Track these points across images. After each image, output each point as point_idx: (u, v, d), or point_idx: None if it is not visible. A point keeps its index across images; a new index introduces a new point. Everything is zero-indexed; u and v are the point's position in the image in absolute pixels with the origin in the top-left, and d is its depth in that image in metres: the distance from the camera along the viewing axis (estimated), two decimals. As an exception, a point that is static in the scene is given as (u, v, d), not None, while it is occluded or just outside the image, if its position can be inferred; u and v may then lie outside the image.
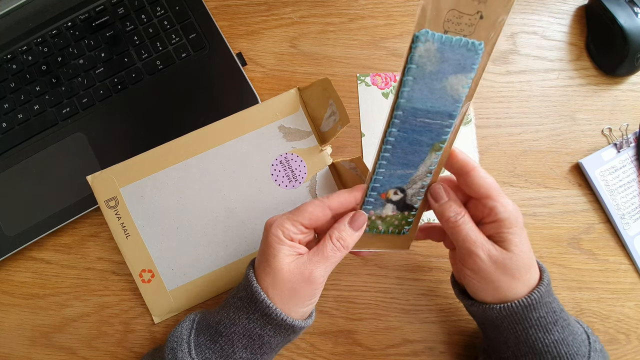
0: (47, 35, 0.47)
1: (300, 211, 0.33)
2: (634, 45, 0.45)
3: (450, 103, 0.31)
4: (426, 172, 0.34)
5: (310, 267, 0.32)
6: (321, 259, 0.32)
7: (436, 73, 0.30)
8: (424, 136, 0.32)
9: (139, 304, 0.44)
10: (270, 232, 0.33)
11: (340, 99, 0.39)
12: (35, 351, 0.44)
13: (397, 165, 0.33)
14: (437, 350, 0.43)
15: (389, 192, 0.34)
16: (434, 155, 0.33)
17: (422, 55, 0.29)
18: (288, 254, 0.32)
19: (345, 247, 0.33)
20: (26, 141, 0.46)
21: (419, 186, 0.34)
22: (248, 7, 0.49)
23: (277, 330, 0.32)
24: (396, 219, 0.35)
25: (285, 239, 0.32)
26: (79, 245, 0.45)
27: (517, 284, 0.32)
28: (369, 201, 0.34)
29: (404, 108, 0.31)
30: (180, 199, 0.43)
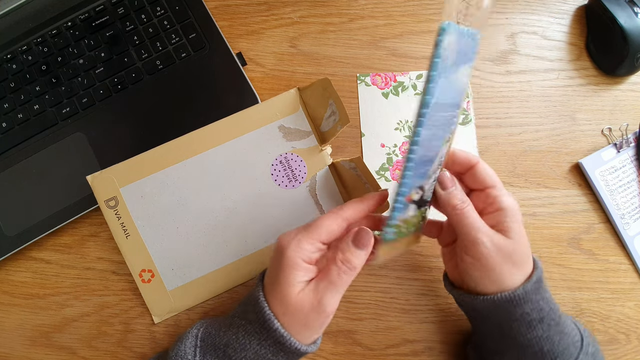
0: (47, 35, 0.47)
1: (316, 227, 0.31)
2: (634, 45, 0.45)
3: (458, 94, 0.31)
4: (438, 165, 0.33)
5: (318, 296, 0.30)
6: (327, 286, 0.30)
7: (453, 65, 0.29)
8: (441, 130, 0.31)
9: (139, 304, 0.44)
10: (286, 255, 0.31)
11: (340, 99, 0.39)
12: (35, 351, 0.44)
13: (421, 164, 0.31)
14: (437, 350, 0.43)
15: (412, 193, 0.31)
16: (445, 147, 0.32)
17: (446, 48, 0.28)
18: (300, 280, 0.31)
19: (352, 268, 0.31)
20: (26, 141, 0.46)
21: (432, 180, 0.33)
22: (248, 7, 0.49)
23: (289, 356, 0.32)
24: (416, 217, 0.34)
25: (302, 262, 0.31)
26: (79, 245, 0.45)
27: (517, 272, 0.33)
28: (398, 207, 0.31)
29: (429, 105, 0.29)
30: (180, 199, 0.43)
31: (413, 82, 0.47)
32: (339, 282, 0.30)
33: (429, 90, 0.29)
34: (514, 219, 0.33)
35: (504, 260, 0.32)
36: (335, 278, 0.30)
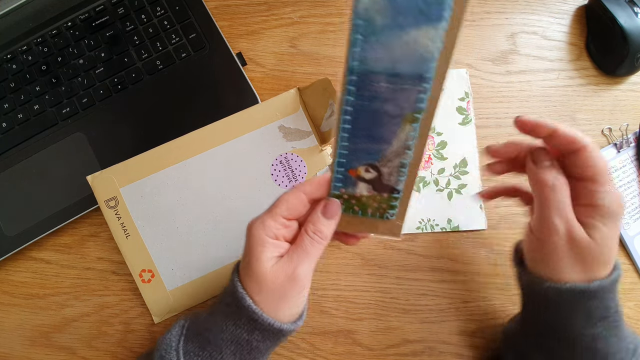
0: (47, 35, 0.47)
1: (278, 204, 0.32)
2: (634, 45, 0.45)
3: (419, 63, 0.26)
4: (403, 148, 0.29)
5: (292, 266, 0.30)
6: (301, 255, 0.31)
7: (391, 27, 0.25)
8: (389, 105, 0.27)
9: (139, 304, 0.44)
10: (252, 234, 0.31)
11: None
12: (35, 351, 0.44)
13: (361, 138, 0.29)
14: (437, 350, 0.43)
15: (359, 169, 0.30)
16: (410, 128, 0.28)
17: (369, 8, 0.25)
18: (270, 256, 0.31)
19: (323, 238, 0.31)
20: (26, 141, 0.46)
21: (396, 164, 0.30)
22: (248, 7, 0.49)
23: (266, 335, 0.32)
24: (374, 200, 0.31)
25: (268, 238, 0.31)
26: (79, 245, 0.45)
27: (580, 271, 0.31)
28: (338, 178, 0.31)
29: (357, 71, 0.27)
30: (180, 199, 0.43)
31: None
32: (312, 251, 0.31)
33: (352, 55, 0.26)
34: (606, 220, 0.30)
35: (573, 255, 0.30)
36: (309, 247, 0.31)
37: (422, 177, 0.45)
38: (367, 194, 0.31)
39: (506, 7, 0.49)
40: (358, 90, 0.28)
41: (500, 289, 0.44)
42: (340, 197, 0.31)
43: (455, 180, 0.45)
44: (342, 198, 0.31)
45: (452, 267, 0.44)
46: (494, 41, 0.48)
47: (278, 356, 0.43)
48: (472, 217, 0.44)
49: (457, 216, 0.44)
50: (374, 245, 0.45)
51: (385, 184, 0.31)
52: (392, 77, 0.27)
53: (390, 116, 0.28)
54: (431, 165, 0.45)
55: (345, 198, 0.31)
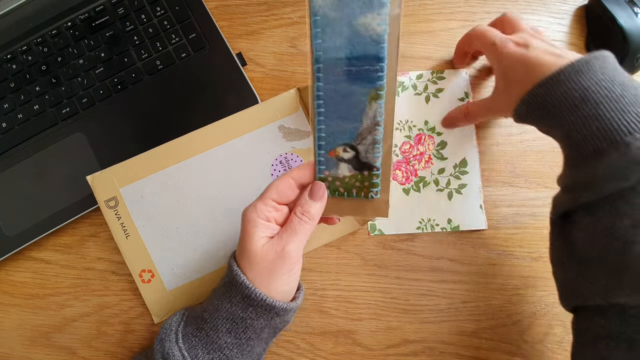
0: (47, 35, 0.47)
1: (268, 189, 0.34)
2: (634, 45, 0.45)
3: (372, 45, 0.30)
4: (374, 125, 0.32)
5: (282, 244, 0.32)
6: (291, 234, 0.33)
7: (342, 18, 0.30)
8: (355, 85, 0.31)
9: (139, 304, 0.44)
10: (245, 216, 0.34)
11: (340, 99, 0.39)
12: (35, 351, 0.44)
13: (336, 119, 0.32)
14: (437, 350, 0.43)
15: (338, 149, 0.33)
16: (375, 105, 0.32)
17: (322, 5, 0.30)
18: (262, 236, 0.33)
19: (311, 218, 0.33)
20: (26, 141, 0.46)
21: (370, 141, 0.32)
22: (248, 7, 0.49)
23: (259, 311, 0.33)
24: (356, 179, 0.33)
25: (259, 219, 0.33)
26: (78, 245, 0.45)
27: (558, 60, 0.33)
28: (320, 161, 0.34)
29: (322, 60, 0.31)
30: (180, 199, 0.43)
31: (413, 82, 0.47)
32: (301, 231, 0.33)
33: (315, 46, 0.31)
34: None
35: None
36: (297, 227, 0.33)
37: (422, 177, 0.45)
38: (348, 173, 0.33)
39: (506, 7, 0.49)
40: (325, 77, 0.31)
41: (500, 289, 0.44)
42: (325, 179, 0.34)
43: (455, 180, 0.45)
44: (327, 181, 0.34)
45: (452, 267, 0.44)
46: (494, 41, 0.48)
47: (278, 356, 0.43)
48: (472, 217, 0.44)
49: (458, 216, 0.44)
50: (374, 245, 0.45)
51: (364, 161, 0.33)
52: (352, 61, 0.31)
53: (356, 96, 0.31)
54: (431, 165, 0.45)
55: (330, 180, 0.34)
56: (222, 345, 0.33)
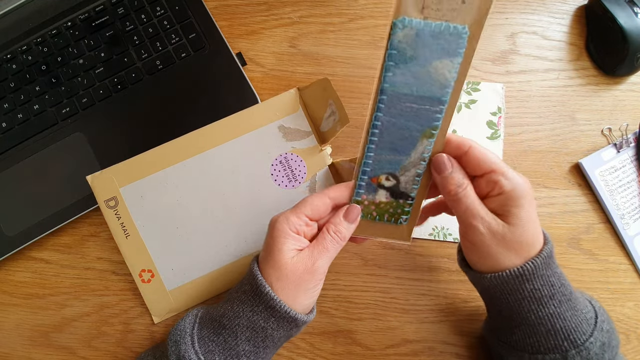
0: (47, 35, 0.47)
1: (302, 203, 0.34)
2: (634, 45, 0.45)
3: (438, 88, 0.32)
4: (419, 160, 0.34)
5: (312, 259, 0.33)
6: (322, 251, 0.33)
7: (418, 58, 0.31)
8: (412, 122, 0.33)
9: (138, 304, 0.44)
10: (276, 227, 0.34)
11: (339, 99, 0.39)
12: (35, 351, 0.44)
13: (386, 150, 0.34)
14: (437, 350, 0.43)
15: (381, 177, 0.35)
16: (426, 142, 0.33)
17: (402, 41, 0.31)
18: (292, 248, 0.33)
19: (342, 238, 0.34)
20: (26, 141, 0.46)
21: (412, 174, 0.34)
22: (248, 7, 0.49)
23: (281, 323, 0.33)
24: (391, 206, 0.35)
25: (291, 231, 0.33)
26: (78, 245, 0.45)
27: (516, 257, 0.32)
28: (361, 185, 0.35)
29: (387, 92, 0.32)
30: (180, 199, 0.43)
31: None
32: (331, 249, 0.34)
33: (385, 78, 0.32)
34: (516, 202, 0.32)
35: (501, 246, 0.32)
36: (329, 244, 0.34)
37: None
38: (385, 200, 0.35)
39: (506, 7, 0.49)
40: (386, 108, 0.33)
41: (500, 289, 0.44)
42: (361, 203, 0.35)
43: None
44: (363, 204, 0.35)
45: (452, 267, 0.44)
46: (493, 41, 0.48)
47: (278, 356, 0.43)
48: None
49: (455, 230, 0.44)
50: (374, 245, 0.45)
51: (402, 191, 0.35)
52: (416, 99, 0.32)
53: (411, 131, 0.33)
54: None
55: (366, 204, 0.35)
56: (239, 352, 0.33)
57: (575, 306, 0.33)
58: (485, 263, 0.33)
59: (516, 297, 0.33)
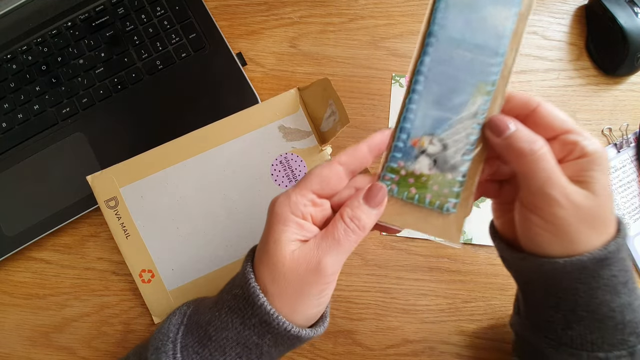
0: (47, 35, 0.47)
1: (307, 176, 0.27)
2: (634, 45, 0.45)
3: (494, 38, 0.27)
4: (472, 121, 0.27)
5: (318, 254, 0.26)
6: (332, 244, 0.26)
7: (470, 1, 0.28)
8: (464, 72, 0.28)
9: (139, 304, 0.44)
10: (273, 210, 0.27)
11: (339, 99, 0.39)
12: (35, 351, 0.44)
13: (432, 103, 0.28)
14: (437, 350, 0.43)
15: (423, 138, 0.28)
16: (481, 100, 0.27)
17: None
18: (293, 239, 0.26)
19: (361, 227, 0.26)
20: (26, 141, 0.46)
21: (463, 140, 0.27)
22: (248, 7, 0.49)
23: (279, 340, 0.27)
24: (436, 182, 0.28)
25: (292, 215, 0.26)
26: (79, 245, 0.45)
27: (595, 236, 0.26)
28: (398, 147, 0.28)
29: (437, 35, 0.28)
30: (180, 199, 0.43)
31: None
32: (345, 242, 0.26)
33: (434, 19, 0.28)
34: (601, 167, 0.25)
35: (582, 222, 0.25)
36: (342, 236, 0.26)
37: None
38: (427, 171, 0.28)
39: (506, 7, 0.49)
40: (435, 52, 0.28)
41: (500, 289, 0.44)
42: (397, 172, 0.28)
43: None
44: (398, 174, 0.28)
45: (452, 267, 0.44)
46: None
47: (278, 356, 0.43)
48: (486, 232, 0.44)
49: (472, 229, 0.44)
50: (374, 245, 0.45)
51: (450, 161, 0.28)
52: (469, 46, 0.28)
53: (462, 84, 0.28)
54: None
55: (402, 174, 0.28)
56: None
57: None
58: (558, 245, 0.26)
59: (590, 286, 0.26)
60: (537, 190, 0.26)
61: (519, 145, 0.26)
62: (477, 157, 0.28)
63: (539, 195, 0.26)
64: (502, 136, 0.26)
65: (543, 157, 0.25)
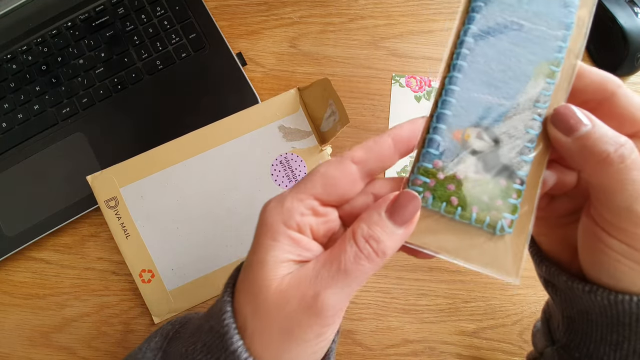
0: (47, 35, 0.47)
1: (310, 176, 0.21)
2: (634, 45, 0.45)
3: (559, 5, 0.22)
4: (532, 110, 0.21)
5: (316, 287, 0.19)
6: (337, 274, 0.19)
7: None
8: (521, 47, 0.21)
9: (139, 304, 0.44)
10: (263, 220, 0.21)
11: (339, 99, 0.39)
12: (35, 351, 0.44)
13: (479, 84, 0.21)
14: (437, 350, 0.43)
15: (468, 130, 0.21)
16: (543, 83, 0.21)
17: None
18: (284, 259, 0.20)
19: (380, 253, 0.19)
20: (26, 141, 0.46)
21: (521, 133, 0.21)
22: (248, 7, 0.49)
23: None
24: (485, 190, 0.20)
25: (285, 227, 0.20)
26: (79, 245, 0.45)
27: None
28: (434, 141, 0.21)
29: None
30: (180, 199, 0.43)
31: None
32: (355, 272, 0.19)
33: None
34: None
35: None
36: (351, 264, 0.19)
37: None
38: (474, 175, 0.21)
39: (506, 7, 0.49)
40: (483, 19, 0.21)
41: (500, 289, 0.44)
42: (433, 175, 0.21)
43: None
44: (435, 178, 0.21)
45: (452, 267, 0.44)
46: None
47: (278, 356, 0.43)
48: None
49: None
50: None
51: (505, 163, 0.21)
52: (526, 14, 0.22)
53: (519, 61, 0.21)
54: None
55: (440, 179, 0.21)
56: None
57: None
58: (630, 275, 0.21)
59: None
60: (622, 207, 0.20)
61: (601, 148, 0.19)
62: (538, 159, 0.21)
63: (624, 215, 0.20)
64: (573, 135, 0.20)
65: (634, 165, 0.19)
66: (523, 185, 0.21)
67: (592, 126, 0.20)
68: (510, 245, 0.21)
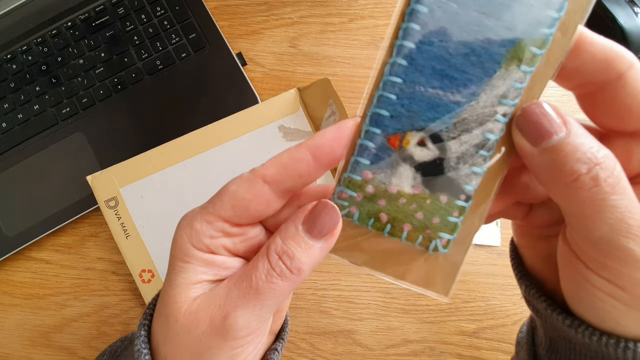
0: (47, 35, 0.47)
1: (219, 195, 0.19)
2: (634, 45, 0.45)
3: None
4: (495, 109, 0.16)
5: (225, 308, 0.18)
6: (246, 293, 0.17)
7: None
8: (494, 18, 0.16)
9: (139, 304, 0.44)
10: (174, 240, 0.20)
11: (340, 99, 0.39)
12: (35, 351, 0.44)
13: (430, 73, 0.16)
14: (437, 350, 0.43)
15: (408, 135, 0.17)
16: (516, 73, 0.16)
17: None
18: (197, 280, 0.19)
19: (294, 270, 0.18)
20: (26, 141, 0.46)
21: (476, 135, 0.17)
22: (248, 7, 0.49)
23: None
24: (421, 207, 0.17)
25: (194, 250, 0.19)
26: (79, 245, 0.45)
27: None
28: (365, 147, 0.17)
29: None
30: (180, 199, 0.43)
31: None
32: (267, 291, 0.17)
33: None
34: None
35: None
36: (262, 282, 0.17)
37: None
38: (409, 190, 0.17)
39: (506, 7, 0.49)
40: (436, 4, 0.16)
41: (500, 289, 0.44)
42: (361, 188, 0.18)
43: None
44: (363, 192, 0.18)
45: (452, 267, 0.44)
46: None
47: (278, 356, 0.43)
48: (487, 233, 0.44)
49: None
50: (374, 245, 0.45)
51: (449, 176, 0.17)
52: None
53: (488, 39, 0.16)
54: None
55: (370, 193, 0.18)
56: None
57: None
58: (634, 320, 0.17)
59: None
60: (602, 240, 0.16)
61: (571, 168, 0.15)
62: (495, 169, 0.17)
63: (604, 249, 0.16)
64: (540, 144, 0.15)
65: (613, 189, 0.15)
66: (468, 202, 0.17)
67: (567, 135, 0.15)
68: (443, 266, 0.18)
